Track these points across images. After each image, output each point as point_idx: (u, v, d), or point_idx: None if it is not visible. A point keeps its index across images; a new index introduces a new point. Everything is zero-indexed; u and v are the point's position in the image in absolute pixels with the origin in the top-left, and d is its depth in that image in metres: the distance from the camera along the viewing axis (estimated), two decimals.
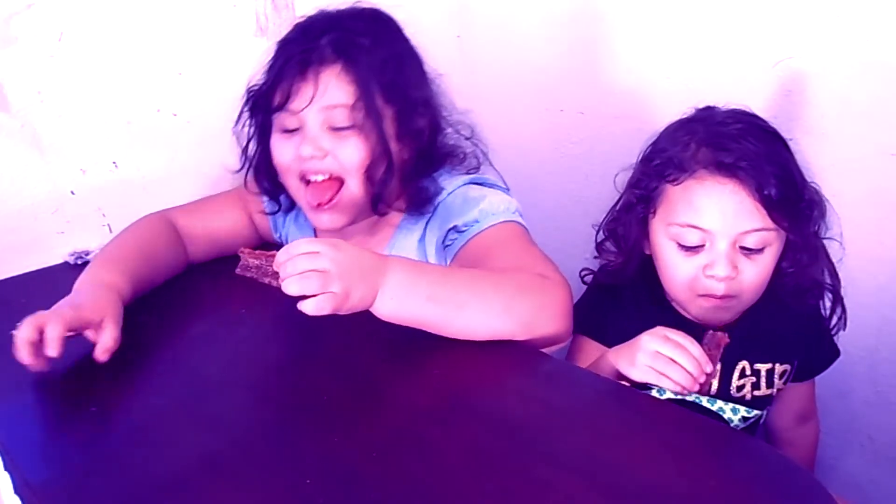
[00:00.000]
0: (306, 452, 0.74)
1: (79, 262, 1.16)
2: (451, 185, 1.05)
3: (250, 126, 1.08)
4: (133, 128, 1.23)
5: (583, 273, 1.11)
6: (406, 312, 0.86)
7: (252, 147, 1.09)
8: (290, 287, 0.80)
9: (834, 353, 1.08)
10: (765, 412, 1.06)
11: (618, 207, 1.07)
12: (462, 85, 1.10)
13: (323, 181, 1.01)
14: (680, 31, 1.28)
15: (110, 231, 1.23)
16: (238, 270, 0.89)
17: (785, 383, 1.05)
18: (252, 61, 1.06)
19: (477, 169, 1.09)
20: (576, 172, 1.49)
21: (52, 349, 0.83)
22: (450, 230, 1.01)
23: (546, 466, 0.71)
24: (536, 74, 1.50)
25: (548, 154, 1.51)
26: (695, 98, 1.27)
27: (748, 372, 1.02)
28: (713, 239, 0.94)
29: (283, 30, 1.31)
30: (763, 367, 1.02)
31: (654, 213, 1.00)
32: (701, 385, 0.86)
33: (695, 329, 1.00)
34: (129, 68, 1.20)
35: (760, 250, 0.94)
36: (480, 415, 0.79)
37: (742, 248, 0.94)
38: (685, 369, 0.84)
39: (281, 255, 0.81)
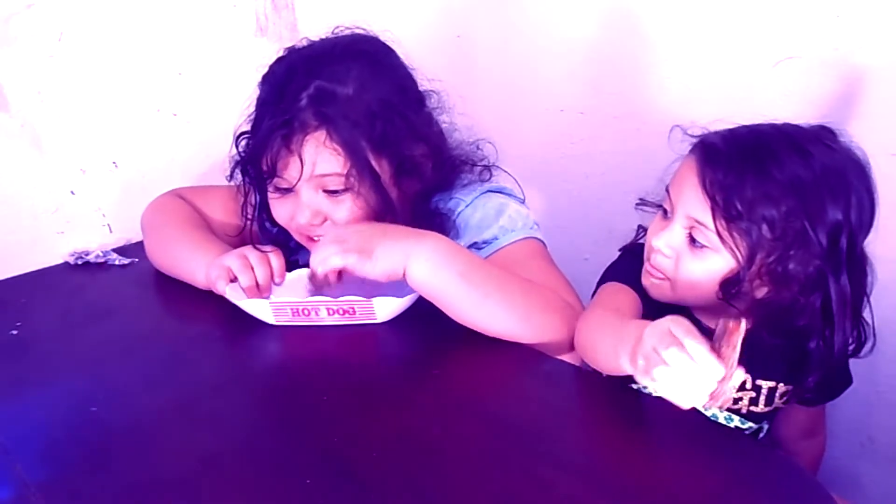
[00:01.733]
0: (306, 452, 0.74)
1: (79, 262, 1.16)
2: (468, 196, 1.03)
3: (245, 179, 1.03)
4: (133, 128, 1.23)
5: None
6: (438, 281, 0.87)
7: (252, 200, 1.05)
8: (312, 261, 0.88)
9: (846, 382, 1.04)
10: (764, 426, 1.05)
11: None
12: (462, 85, 1.10)
13: None
14: (680, 31, 1.28)
15: (110, 231, 1.23)
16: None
17: (785, 403, 1.01)
18: (252, 61, 1.05)
19: (490, 177, 1.08)
20: (576, 172, 1.49)
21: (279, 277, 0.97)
22: (469, 247, 1.00)
23: (546, 466, 0.71)
24: (536, 74, 1.50)
25: (548, 154, 1.51)
26: (695, 98, 1.27)
27: (748, 386, 0.98)
28: (674, 213, 0.92)
29: (284, 30, 1.32)
30: (765, 385, 0.99)
31: None
32: (712, 395, 0.70)
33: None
34: (129, 68, 1.20)
35: (702, 247, 0.89)
36: (480, 415, 0.79)
37: (691, 237, 0.90)
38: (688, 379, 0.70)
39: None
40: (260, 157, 0.96)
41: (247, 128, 1.00)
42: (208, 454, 0.74)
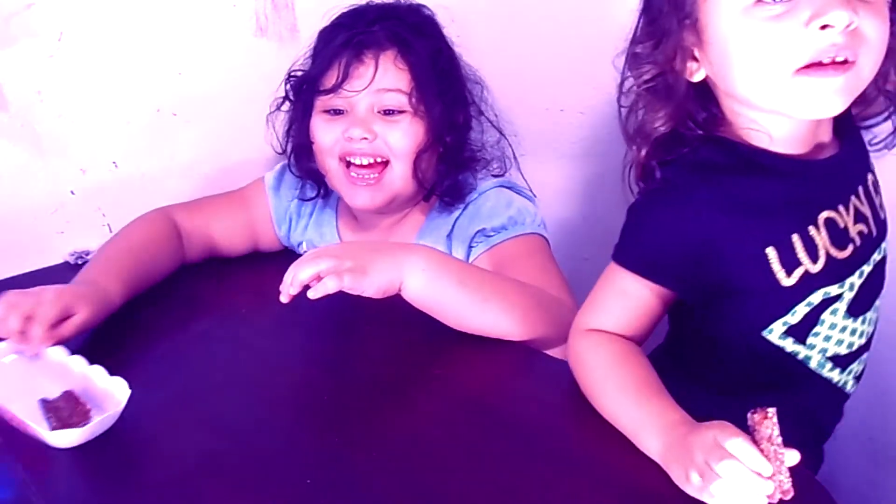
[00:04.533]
0: (306, 452, 0.74)
1: (79, 262, 1.16)
2: (482, 186, 1.07)
3: (290, 110, 1.09)
4: (133, 128, 1.23)
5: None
6: (436, 291, 0.87)
7: (294, 130, 1.10)
8: (302, 271, 0.82)
9: None
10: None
11: (640, 22, 0.85)
12: None
13: (368, 164, 1.02)
14: None
15: (110, 231, 1.23)
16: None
17: None
18: (252, 61, 1.06)
19: (503, 173, 1.11)
20: (576, 172, 1.49)
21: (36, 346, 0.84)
22: (477, 232, 1.03)
23: (546, 466, 0.71)
24: (536, 74, 1.50)
25: (548, 154, 1.51)
26: None
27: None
28: None
29: (284, 30, 1.32)
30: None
31: None
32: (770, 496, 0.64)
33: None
34: (129, 68, 1.20)
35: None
36: (481, 415, 0.79)
37: None
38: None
39: (288, 274, 0.84)
40: (326, 69, 1.01)
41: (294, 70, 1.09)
42: (208, 454, 0.74)
